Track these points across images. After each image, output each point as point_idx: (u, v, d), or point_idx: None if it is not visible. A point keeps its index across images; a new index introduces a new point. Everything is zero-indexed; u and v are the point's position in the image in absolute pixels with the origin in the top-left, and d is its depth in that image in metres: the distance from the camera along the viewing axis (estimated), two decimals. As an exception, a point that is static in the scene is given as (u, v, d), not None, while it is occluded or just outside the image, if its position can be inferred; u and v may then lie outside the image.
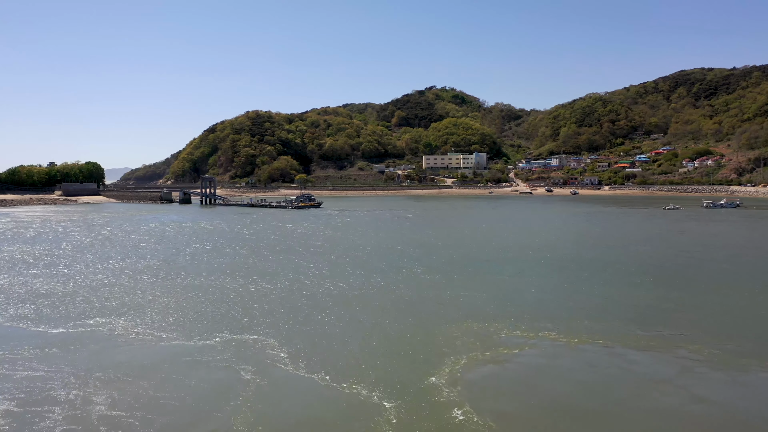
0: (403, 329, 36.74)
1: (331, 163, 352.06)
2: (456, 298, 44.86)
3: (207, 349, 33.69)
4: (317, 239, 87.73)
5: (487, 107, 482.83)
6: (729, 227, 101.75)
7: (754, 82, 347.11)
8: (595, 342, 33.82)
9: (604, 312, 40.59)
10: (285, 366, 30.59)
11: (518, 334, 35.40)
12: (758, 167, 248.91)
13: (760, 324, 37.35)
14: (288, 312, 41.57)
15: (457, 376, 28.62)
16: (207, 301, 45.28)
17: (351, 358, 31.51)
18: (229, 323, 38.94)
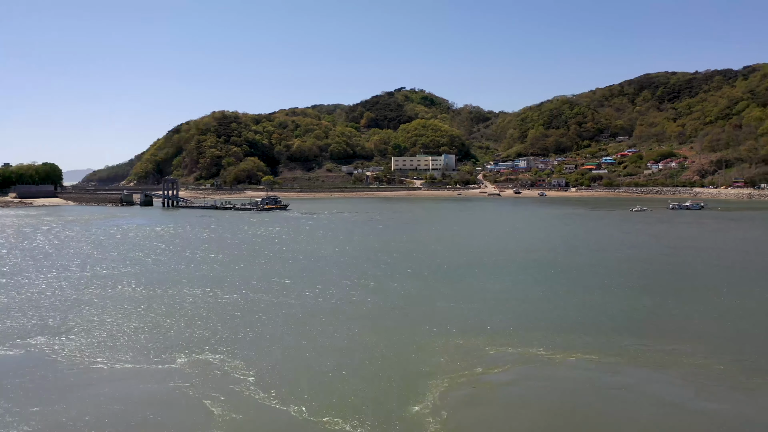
0: (380, 347, 33.82)
1: (298, 165, 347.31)
2: (433, 310, 42.15)
3: (166, 374, 30.04)
4: (281, 245, 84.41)
5: (456, 109, 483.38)
6: (700, 230, 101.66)
7: (716, 86, 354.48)
8: (585, 357, 31.57)
9: (589, 322, 38.54)
10: (256, 395, 27.18)
11: (502, 351, 32.80)
12: (720, 169, 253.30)
13: (751, 333, 35.61)
14: (252, 328, 38.21)
15: (441, 403, 25.91)
16: (163, 316, 41.51)
17: (326, 383, 28.39)
18: (189, 342, 35.34)
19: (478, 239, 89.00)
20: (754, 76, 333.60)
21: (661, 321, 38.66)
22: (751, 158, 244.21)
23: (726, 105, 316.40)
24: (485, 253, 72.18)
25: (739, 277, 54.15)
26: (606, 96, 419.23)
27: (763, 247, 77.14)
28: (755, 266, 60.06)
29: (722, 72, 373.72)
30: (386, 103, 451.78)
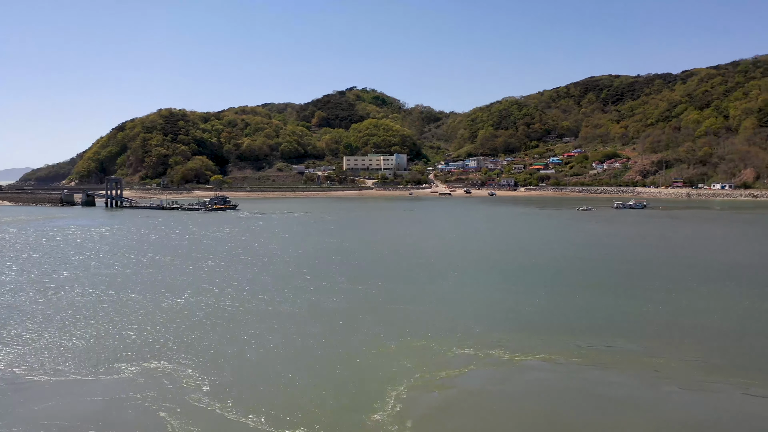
0: (338, 351, 33.02)
1: (248, 164, 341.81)
2: (390, 313, 41.53)
3: (116, 385, 28.43)
4: (231, 246, 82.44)
5: (407, 109, 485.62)
6: (647, 228, 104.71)
7: (656, 89, 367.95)
8: (545, 358, 31.52)
9: (546, 323, 38.68)
10: (211, 406, 25.93)
11: (463, 353, 32.35)
12: (661, 170, 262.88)
13: (706, 330, 36.40)
14: (204, 334, 36.70)
15: (403, 409, 25.33)
16: (107, 323, 39.44)
17: (285, 391, 27.35)
18: (137, 350, 33.66)
19: (431, 239, 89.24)
20: (692, 80, 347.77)
21: (618, 320, 39.11)
22: (689, 159, 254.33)
23: (666, 108, 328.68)
24: (439, 253, 72.33)
25: (688, 274, 55.74)
26: (553, 98, 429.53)
27: (707, 245, 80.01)
28: (703, 264, 62.07)
29: (662, 76, 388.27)
30: (338, 103, 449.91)
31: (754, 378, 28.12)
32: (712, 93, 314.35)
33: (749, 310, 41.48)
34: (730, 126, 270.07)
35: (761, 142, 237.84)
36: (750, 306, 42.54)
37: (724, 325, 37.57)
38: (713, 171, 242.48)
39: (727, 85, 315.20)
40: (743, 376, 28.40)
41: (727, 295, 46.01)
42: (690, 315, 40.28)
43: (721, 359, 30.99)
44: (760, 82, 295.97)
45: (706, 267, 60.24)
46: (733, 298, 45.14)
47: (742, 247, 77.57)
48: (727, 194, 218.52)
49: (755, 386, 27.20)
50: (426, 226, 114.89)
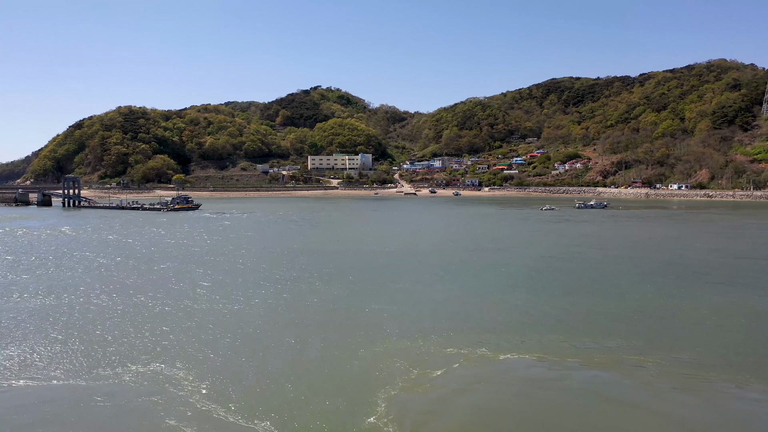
0: (323, 353, 32.42)
1: (211, 163, 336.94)
2: (369, 314, 41.01)
3: (106, 389, 27.41)
4: (195, 246, 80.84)
5: (372, 108, 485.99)
6: (610, 227, 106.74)
7: (616, 92, 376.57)
8: (533, 357, 31.56)
9: (520, 322, 38.76)
10: (201, 409, 25.25)
11: (446, 352, 32.10)
12: (620, 170, 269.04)
13: (674, 329, 37.01)
14: (180, 337, 35.63)
15: (397, 410, 25.03)
16: (75, 328, 37.80)
17: (272, 395, 26.68)
18: (118, 353, 32.48)
19: (399, 239, 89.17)
20: (649, 83, 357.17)
21: (592, 319, 39.50)
22: (648, 160, 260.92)
23: (625, 110, 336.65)
24: (409, 253, 72.25)
25: (652, 273, 56.85)
26: (516, 99, 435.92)
27: (669, 244, 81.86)
28: (667, 262, 63.38)
29: (621, 79, 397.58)
30: (302, 102, 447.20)
31: (745, 375, 28.70)
32: (669, 96, 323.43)
33: (730, 308, 42.32)
34: (685, 128, 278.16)
35: (715, 144, 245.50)
36: (731, 304, 43.42)
37: (707, 324, 38.20)
38: (670, 171, 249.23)
39: (683, 88, 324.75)
40: (734, 373, 28.96)
41: (705, 295, 46.86)
42: (669, 313, 40.87)
43: (710, 358, 31.49)
44: (713, 86, 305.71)
45: (670, 265, 61.55)
46: (711, 297, 45.96)
47: (706, 246, 79.64)
48: (684, 194, 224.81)
49: (747, 383, 27.79)
50: (393, 225, 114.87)
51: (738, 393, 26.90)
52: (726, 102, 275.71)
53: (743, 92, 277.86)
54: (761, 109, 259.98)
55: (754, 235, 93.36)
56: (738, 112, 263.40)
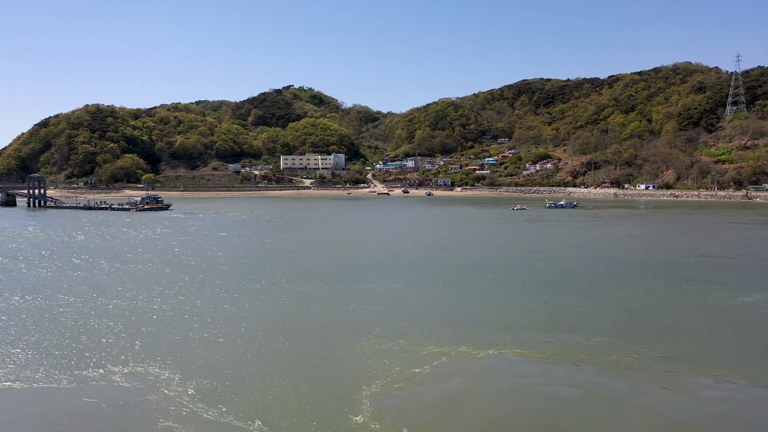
0: (305, 354, 32.25)
1: (182, 163, 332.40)
2: (346, 313, 41.02)
3: (96, 392, 27.08)
4: (166, 247, 79.80)
5: (345, 108, 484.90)
6: (581, 226, 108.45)
7: (585, 93, 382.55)
8: (513, 353, 31.94)
9: (497, 319, 39.18)
10: (185, 409, 25.04)
11: (426, 350, 32.32)
12: (590, 170, 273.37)
13: (660, 325, 37.73)
14: (158, 338, 35.16)
15: (382, 408, 25.19)
16: (50, 330, 36.93)
17: (257, 396, 26.57)
18: (97, 355, 31.96)
19: (372, 239, 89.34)
20: (618, 85, 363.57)
21: (568, 316, 40.08)
22: (616, 160, 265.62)
23: (594, 111, 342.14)
24: (383, 252, 72.42)
25: (623, 271, 57.96)
26: (488, 99, 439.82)
27: (638, 243, 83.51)
28: (637, 261, 64.68)
29: (590, 80, 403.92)
30: (274, 101, 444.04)
31: (721, 369, 29.50)
32: (637, 98, 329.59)
33: (698, 305, 43.32)
34: (653, 129, 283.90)
35: (681, 145, 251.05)
36: (698, 301, 44.45)
37: (678, 321, 38.96)
38: (638, 172, 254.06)
39: (650, 90, 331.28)
40: (709, 368, 29.77)
41: (674, 292, 47.80)
42: (642, 310, 41.63)
43: (685, 353, 32.20)
44: (679, 88, 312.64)
45: (640, 264, 62.84)
46: (679, 294, 46.96)
47: (673, 245, 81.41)
48: (651, 194, 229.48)
49: (723, 377, 28.55)
50: (367, 226, 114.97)
51: (716, 386, 27.69)
52: (691, 104, 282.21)
53: (708, 95, 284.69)
54: (725, 111, 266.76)
55: (718, 234, 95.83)
56: (703, 114, 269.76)
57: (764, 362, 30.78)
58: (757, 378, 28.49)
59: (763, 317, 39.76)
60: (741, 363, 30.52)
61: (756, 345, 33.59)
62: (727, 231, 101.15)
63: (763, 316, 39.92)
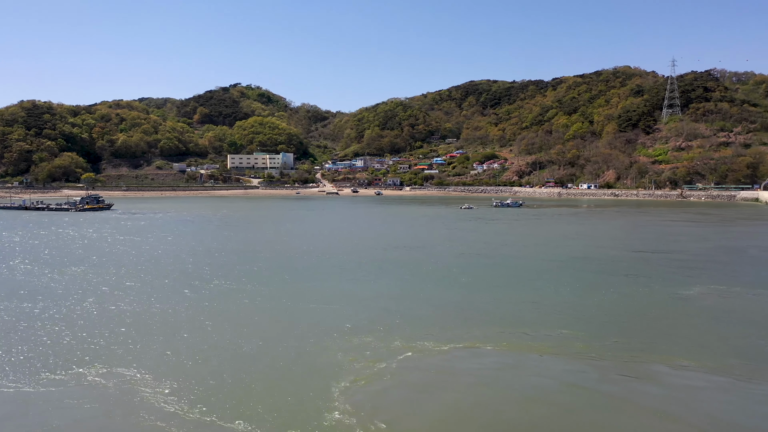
0: (274, 352, 31.94)
1: (125, 162, 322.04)
2: (305, 312, 40.62)
3: (73, 394, 26.14)
4: (110, 247, 77.27)
5: (293, 107, 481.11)
6: (527, 224, 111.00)
7: (530, 95, 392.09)
8: (471, 346, 32.43)
9: (454, 314, 39.70)
10: (163, 409, 24.59)
11: (399, 345, 32.54)
12: (535, 170, 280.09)
13: (610, 318, 38.95)
14: (121, 341, 33.99)
15: (354, 403, 25.36)
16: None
17: (230, 394, 26.29)
18: (63, 358, 30.77)
19: (322, 238, 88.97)
20: (561, 87, 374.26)
21: (525, 311, 40.94)
22: (560, 161, 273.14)
23: (539, 112, 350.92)
24: (333, 252, 72.22)
25: (570, 267, 59.65)
26: (436, 100, 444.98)
27: (581, 240, 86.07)
28: (580, 257, 66.65)
29: (535, 82, 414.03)
30: (221, 99, 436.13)
31: (677, 356, 30.92)
32: (579, 100, 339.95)
33: (639, 297, 44.94)
34: (594, 131, 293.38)
35: (621, 146, 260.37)
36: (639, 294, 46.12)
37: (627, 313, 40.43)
38: (580, 172, 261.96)
39: (592, 92, 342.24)
40: (665, 356, 31.08)
41: (617, 286, 49.49)
42: (589, 303, 42.86)
43: (639, 343, 33.39)
44: (619, 91, 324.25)
45: (584, 260, 64.83)
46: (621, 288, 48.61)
47: (612, 241, 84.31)
48: (593, 193, 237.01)
49: (680, 364, 29.89)
50: (316, 225, 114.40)
51: (676, 374, 28.87)
52: (630, 106, 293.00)
53: (645, 98, 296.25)
54: (661, 114, 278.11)
55: (656, 231, 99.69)
56: (641, 117, 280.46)
57: (715, 350, 32.34)
58: (710, 365, 29.94)
59: (705, 308, 41.77)
60: (694, 351, 31.99)
61: (705, 334, 35.29)
62: (663, 228, 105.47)
63: (705, 307, 41.93)
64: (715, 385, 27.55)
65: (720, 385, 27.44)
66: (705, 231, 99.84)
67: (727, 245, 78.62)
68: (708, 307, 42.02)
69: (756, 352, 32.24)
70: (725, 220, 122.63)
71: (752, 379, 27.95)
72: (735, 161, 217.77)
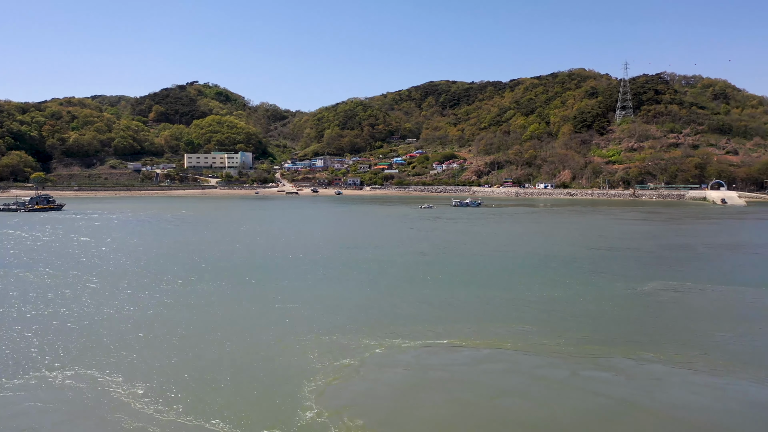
0: (244, 353, 31.59)
1: (77, 161, 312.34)
2: (273, 311, 40.35)
3: (42, 397, 25.54)
4: (63, 248, 74.90)
5: (252, 106, 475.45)
6: (485, 223, 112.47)
7: (488, 96, 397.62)
8: (443, 343, 32.87)
9: (416, 312, 40.00)
10: (158, 412, 24.16)
11: (365, 343, 32.72)
12: (493, 170, 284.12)
13: (571, 313, 39.75)
14: (91, 344, 33.06)
15: (326, 400, 25.52)
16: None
17: (202, 396, 25.97)
18: (28, 361, 29.91)
19: (282, 238, 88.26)
20: (519, 89, 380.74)
21: (488, 307, 41.51)
22: (517, 161, 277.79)
23: (497, 113, 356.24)
24: (293, 251, 71.74)
25: (528, 264, 60.76)
26: (396, 100, 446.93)
27: (538, 238, 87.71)
28: (539, 255, 67.92)
29: (493, 83, 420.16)
30: (177, 97, 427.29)
31: (633, 348, 32.06)
32: (536, 101, 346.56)
33: (596, 293, 46.15)
34: (551, 131, 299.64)
35: (576, 147, 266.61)
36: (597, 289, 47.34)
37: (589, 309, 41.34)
38: (537, 172, 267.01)
39: (548, 94, 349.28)
40: (623, 347, 32.22)
41: (574, 282, 50.68)
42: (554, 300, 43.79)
43: (598, 336, 34.41)
44: (574, 93, 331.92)
45: (542, 258, 66.09)
46: (578, 285, 49.79)
47: (569, 239, 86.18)
48: (550, 193, 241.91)
49: (637, 355, 31.02)
50: (276, 224, 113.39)
51: (639, 366, 29.86)
52: (585, 108, 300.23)
53: (599, 99, 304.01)
54: (615, 115, 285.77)
55: (610, 229, 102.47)
56: (595, 118, 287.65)
57: (675, 342, 33.54)
58: (671, 357, 31.09)
59: (660, 303, 43.25)
60: (655, 344, 33.13)
61: (663, 328, 36.55)
62: (617, 226, 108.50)
63: (660, 302, 43.43)
64: (677, 376, 28.64)
65: (682, 376, 28.55)
66: (656, 229, 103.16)
67: (677, 243, 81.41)
68: (664, 302, 43.51)
69: (713, 343, 33.66)
70: (675, 218, 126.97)
71: (714, 370, 29.23)
72: (684, 162, 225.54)
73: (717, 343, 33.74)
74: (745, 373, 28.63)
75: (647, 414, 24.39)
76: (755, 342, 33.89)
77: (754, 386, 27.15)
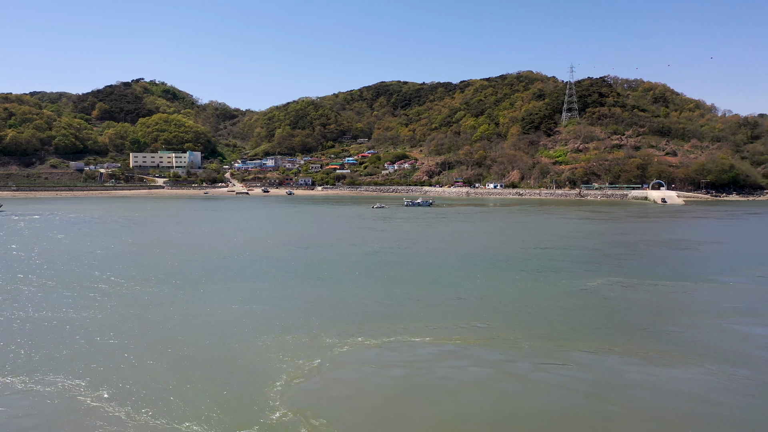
0: (205, 355, 31.06)
1: (14, 160, 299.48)
2: (230, 312, 39.72)
3: (7, 401, 24.75)
4: (1, 249, 71.84)
5: (201, 105, 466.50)
6: (436, 223, 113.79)
7: (439, 97, 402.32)
8: (404, 340, 33.20)
9: (380, 310, 40.20)
10: (132, 416, 23.55)
11: (327, 342, 32.74)
12: (444, 170, 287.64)
13: (524, 309, 40.47)
14: (48, 349, 31.82)
15: (293, 399, 25.43)
16: None
17: (170, 399, 25.39)
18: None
19: (232, 239, 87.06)
20: (469, 90, 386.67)
21: (443, 305, 41.92)
22: (468, 161, 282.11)
23: (447, 114, 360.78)
24: (245, 252, 70.94)
25: (478, 263, 61.86)
26: (347, 100, 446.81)
27: (487, 237, 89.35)
28: (491, 253, 69.25)
29: (444, 84, 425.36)
30: (122, 95, 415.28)
31: (594, 343, 33.20)
32: (485, 102, 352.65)
33: (544, 290, 47.34)
34: (500, 132, 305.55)
35: (524, 147, 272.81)
36: (544, 287, 48.61)
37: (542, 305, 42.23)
38: (487, 172, 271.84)
39: (497, 95, 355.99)
40: (582, 342, 33.27)
41: (523, 280, 51.95)
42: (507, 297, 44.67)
43: (559, 332, 35.28)
44: (522, 95, 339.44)
45: (491, 256, 67.47)
46: (526, 282, 51.03)
47: (517, 238, 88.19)
48: (499, 192, 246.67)
49: (599, 350, 32.09)
50: (225, 225, 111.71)
51: (599, 359, 30.85)
52: (533, 110, 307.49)
53: (547, 101, 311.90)
54: (561, 117, 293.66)
55: (556, 228, 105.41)
56: (543, 119, 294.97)
57: (627, 335, 34.81)
58: (626, 349, 32.26)
59: (608, 298, 44.80)
60: (606, 337, 34.36)
61: (615, 322, 37.84)
62: (564, 225, 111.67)
63: (608, 298, 44.98)
64: (635, 366, 29.76)
65: (640, 367, 29.67)
66: (601, 227, 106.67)
67: (620, 240, 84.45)
68: (612, 297, 45.15)
69: (664, 336, 35.12)
70: (618, 217, 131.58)
71: (670, 362, 30.46)
72: (627, 162, 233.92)
73: (668, 335, 35.29)
74: (698, 363, 30.13)
75: (612, 404, 25.25)
76: (701, 334, 35.66)
77: (706, 376, 28.62)
